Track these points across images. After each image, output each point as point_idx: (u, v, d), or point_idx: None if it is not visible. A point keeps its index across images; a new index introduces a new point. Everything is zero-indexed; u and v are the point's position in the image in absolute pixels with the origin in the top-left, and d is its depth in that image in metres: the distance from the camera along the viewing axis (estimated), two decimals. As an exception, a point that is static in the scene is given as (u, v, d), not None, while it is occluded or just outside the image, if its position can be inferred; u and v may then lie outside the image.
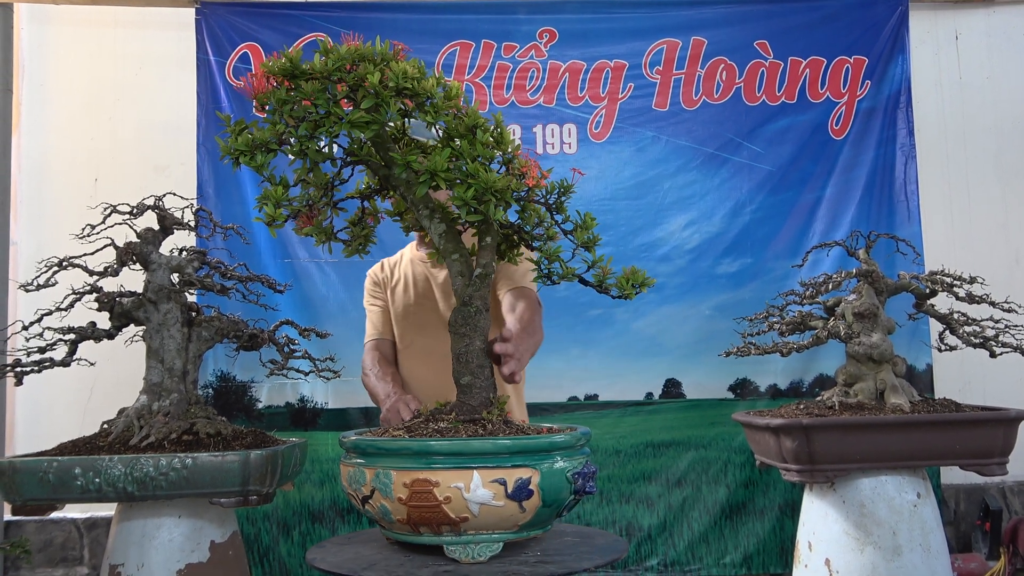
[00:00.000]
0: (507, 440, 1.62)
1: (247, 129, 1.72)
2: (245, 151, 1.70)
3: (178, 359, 1.90)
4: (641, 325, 4.00)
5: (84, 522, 3.91)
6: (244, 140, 1.70)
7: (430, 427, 1.71)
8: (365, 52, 1.67)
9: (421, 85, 1.65)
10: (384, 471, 1.58)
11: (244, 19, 3.97)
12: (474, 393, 1.77)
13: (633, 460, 3.92)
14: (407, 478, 1.56)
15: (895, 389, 2.07)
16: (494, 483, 1.56)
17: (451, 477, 1.55)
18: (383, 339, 2.71)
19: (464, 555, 1.60)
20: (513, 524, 1.63)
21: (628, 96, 4.07)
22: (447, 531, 1.60)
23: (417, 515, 1.58)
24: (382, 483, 1.57)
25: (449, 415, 1.74)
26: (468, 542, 1.61)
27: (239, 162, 1.72)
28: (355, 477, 1.66)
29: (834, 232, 3.94)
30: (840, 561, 2.00)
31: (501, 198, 1.69)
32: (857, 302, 2.17)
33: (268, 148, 1.71)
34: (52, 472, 1.65)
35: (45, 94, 4.07)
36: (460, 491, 1.55)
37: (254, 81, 1.72)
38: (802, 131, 4.06)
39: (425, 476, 1.55)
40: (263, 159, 1.71)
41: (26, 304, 3.51)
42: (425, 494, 1.55)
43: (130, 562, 1.76)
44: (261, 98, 1.71)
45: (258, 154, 1.70)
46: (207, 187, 3.88)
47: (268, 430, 2.01)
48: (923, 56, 4.21)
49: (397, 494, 1.57)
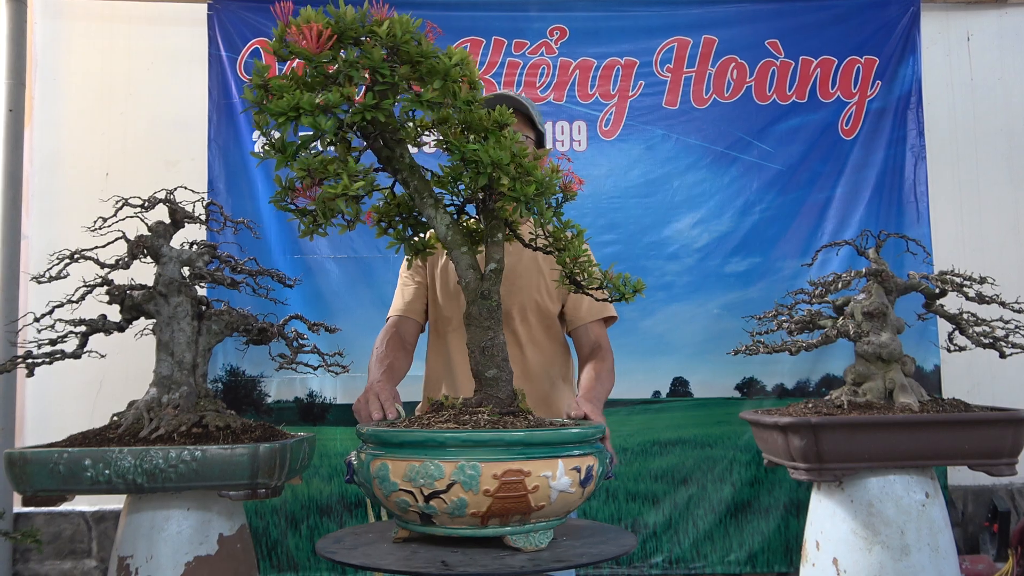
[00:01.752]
0: (584, 429, 1.69)
1: (291, 90, 1.53)
2: (296, 113, 1.52)
3: (188, 352, 1.91)
4: (649, 324, 4.00)
5: (93, 515, 3.93)
6: (297, 101, 1.51)
7: (469, 420, 1.69)
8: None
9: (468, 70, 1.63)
10: (470, 463, 1.55)
11: (256, 15, 3.99)
12: (501, 386, 1.78)
13: (640, 458, 3.92)
14: (498, 469, 1.55)
15: (904, 388, 2.07)
16: (573, 471, 1.63)
17: (541, 467, 1.59)
18: (407, 318, 2.52)
19: (527, 543, 1.64)
20: (567, 511, 1.70)
21: (638, 94, 4.07)
22: (515, 521, 1.62)
23: (499, 506, 1.57)
24: (467, 476, 1.54)
25: (479, 408, 1.74)
26: (530, 531, 1.65)
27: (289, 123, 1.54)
28: (423, 472, 1.56)
29: (843, 232, 3.94)
30: (848, 560, 2.00)
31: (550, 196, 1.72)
32: (866, 301, 2.16)
33: (328, 111, 1.54)
34: (62, 463, 1.66)
35: (57, 88, 4.10)
36: (548, 480, 1.59)
37: (306, 37, 1.53)
38: (812, 131, 4.05)
39: (518, 467, 1.57)
40: (326, 124, 1.54)
41: (37, 296, 3.53)
42: (515, 484, 1.56)
43: (139, 554, 1.76)
44: (319, 57, 1.54)
45: (319, 116, 1.53)
46: (218, 182, 3.91)
47: (277, 424, 2.02)
48: (934, 57, 4.19)
49: (484, 486, 1.55)
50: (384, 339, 2.43)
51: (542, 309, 2.47)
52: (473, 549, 1.65)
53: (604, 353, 2.46)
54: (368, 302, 3.90)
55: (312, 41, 1.53)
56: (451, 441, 1.57)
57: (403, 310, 2.53)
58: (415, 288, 2.55)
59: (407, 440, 1.62)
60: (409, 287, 2.56)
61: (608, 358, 2.45)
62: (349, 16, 1.57)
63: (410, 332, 2.52)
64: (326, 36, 1.54)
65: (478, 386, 1.79)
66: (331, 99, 1.53)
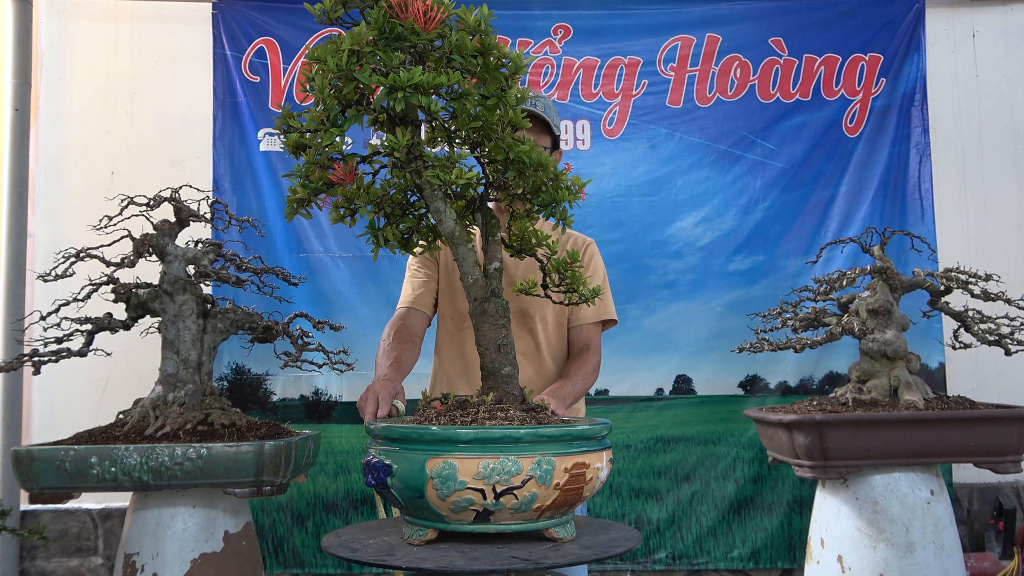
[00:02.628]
0: (608, 422, 1.79)
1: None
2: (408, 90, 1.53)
3: (193, 350, 1.91)
4: (652, 322, 4.00)
5: (99, 513, 3.94)
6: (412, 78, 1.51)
7: (496, 416, 1.70)
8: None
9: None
10: (546, 458, 1.59)
11: (260, 14, 4.00)
12: (514, 383, 1.81)
13: (643, 455, 3.92)
14: (568, 463, 1.62)
15: (909, 386, 2.07)
16: (608, 462, 1.74)
17: (595, 458, 1.68)
18: (416, 310, 2.48)
19: (564, 534, 1.70)
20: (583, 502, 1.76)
21: (642, 93, 4.07)
22: (560, 514, 1.69)
23: (562, 499, 1.63)
24: (543, 471, 1.58)
25: (501, 404, 1.75)
26: (566, 522, 1.72)
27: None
28: (499, 468, 1.56)
29: (847, 230, 3.93)
30: (852, 558, 2.00)
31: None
32: (871, 298, 2.16)
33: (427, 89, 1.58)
34: (69, 461, 1.66)
35: (63, 87, 4.10)
36: (599, 471, 1.69)
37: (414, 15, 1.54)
38: (816, 129, 4.05)
39: (583, 459, 1.64)
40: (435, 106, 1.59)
41: (43, 295, 3.54)
42: (579, 476, 1.64)
43: (145, 551, 1.77)
44: (427, 35, 1.57)
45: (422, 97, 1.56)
46: (223, 180, 3.92)
47: (282, 422, 2.02)
48: (939, 54, 4.18)
49: (556, 480, 1.60)
50: (391, 331, 2.40)
51: (558, 308, 2.48)
52: (518, 543, 1.68)
53: (589, 356, 2.47)
54: (373, 300, 3.90)
55: (421, 18, 1.54)
56: (528, 437, 1.61)
57: (412, 302, 2.50)
58: (424, 280, 2.52)
59: (481, 437, 1.60)
60: (418, 279, 2.53)
61: (591, 360, 2.46)
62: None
63: (418, 325, 2.49)
64: (436, 13, 1.54)
65: (492, 383, 1.80)
66: (426, 81, 1.54)
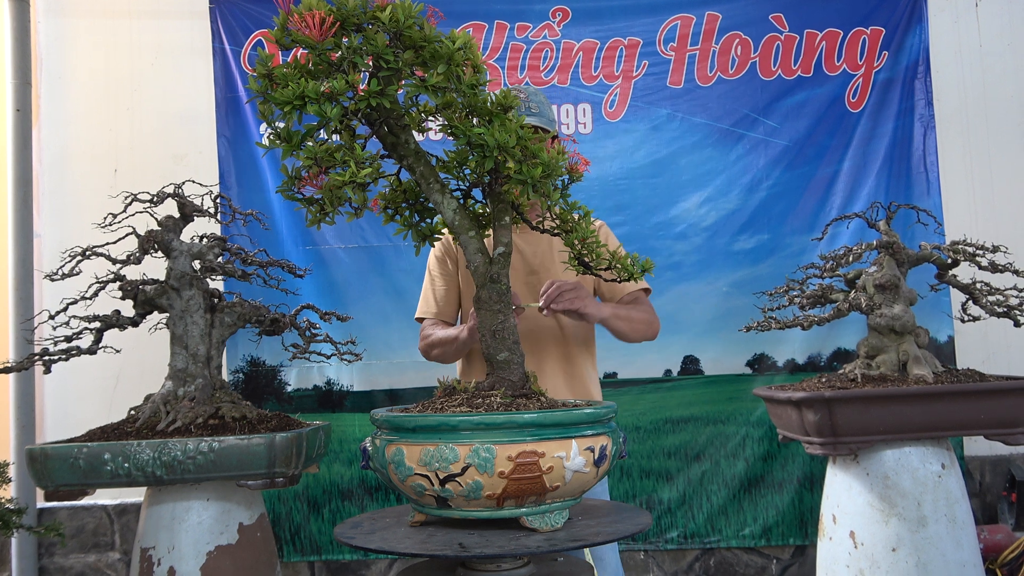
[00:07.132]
0: (596, 409, 1.71)
1: (295, 79, 1.54)
2: (301, 101, 1.51)
3: (202, 345, 1.92)
4: (659, 303, 3.92)
5: (114, 508, 3.97)
6: (303, 90, 1.50)
7: (482, 404, 1.70)
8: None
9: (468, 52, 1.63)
10: (484, 446, 1.57)
11: (257, 6, 3.98)
12: (512, 369, 1.79)
13: (652, 436, 3.93)
14: (512, 451, 1.57)
15: (918, 360, 2.06)
16: (587, 451, 1.65)
17: (555, 447, 1.61)
18: (441, 322, 2.59)
19: (543, 524, 1.66)
20: (581, 491, 1.72)
21: (643, 74, 4.04)
22: (531, 502, 1.64)
23: (514, 488, 1.59)
24: (481, 459, 1.56)
25: (491, 391, 1.75)
26: (546, 511, 1.67)
27: (294, 112, 1.54)
28: (438, 456, 1.58)
29: (852, 206, 3.91)
30: (865, 533, 2.00)
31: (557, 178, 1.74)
32: (878, 274, 2.15)
33: (333, 98, 1.54)
34: (83, 458, 1.68)
35: (63, 86, 4.10)
36: (562, 460, 1.61)
37: (309, 25, 1.52)
38: (819, 105, 4.02)
39: (532, 448, 1.59)
40: (332, 111, 1.53)
41: (51, 294, 3.56)
42: (530, 466, 1.59)
43: (161, 545, 1.79)
44: (322, 45, 1.54)
45: (324, 104, 1.53)
46: (227, 175, 3.92)
47: (297, 413, 2.04)
48: (942, 24, 4.14)
49: (499, 468, 1.57)
50: (431, 327, 2.55)
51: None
52: (489, 531, 1.66)
53: (643, 305, 2.58)
54: (380, 290, 3.91)
55: (315, 29, 1.53)
56: (464, 424, 1.59)
57: (437, 313, 2.58)
58: (444, 289, 2.59)
59: (421, 425, 1.63)
60: (439, 288, 2.59)
61: (642, 311, 2.55)
62: (351, 2, 1.57)
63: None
64: (329, 23, 1.53)
65: (490, 369, 1.80)
66: (336, 87, 1.53)
